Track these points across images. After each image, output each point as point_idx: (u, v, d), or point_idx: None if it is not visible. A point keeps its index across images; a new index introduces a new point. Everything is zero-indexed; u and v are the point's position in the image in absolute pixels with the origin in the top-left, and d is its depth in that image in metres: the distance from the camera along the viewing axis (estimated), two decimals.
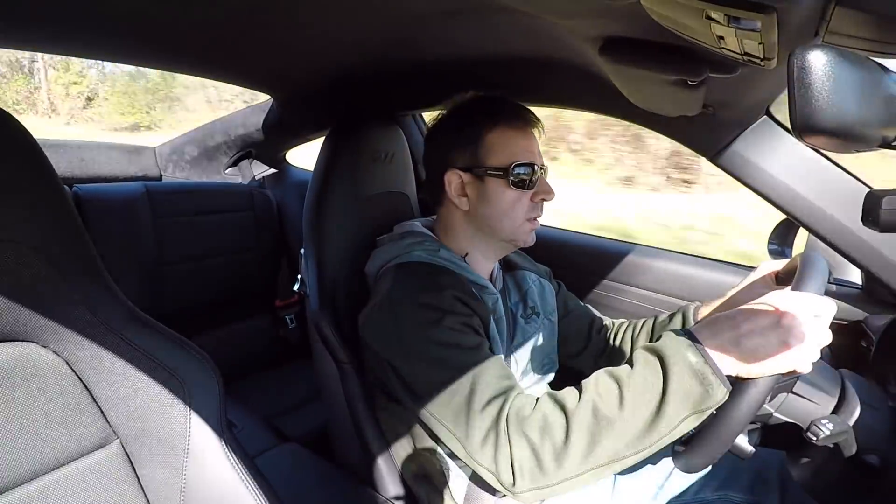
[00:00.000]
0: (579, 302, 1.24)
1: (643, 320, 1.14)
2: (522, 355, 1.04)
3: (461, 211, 0.99)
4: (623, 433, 0.68)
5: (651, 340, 1.08)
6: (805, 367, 0.64)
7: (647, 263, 1.50)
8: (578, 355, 1.19)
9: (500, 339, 0.98)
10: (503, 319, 1.00)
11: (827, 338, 0.65)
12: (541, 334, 1.09)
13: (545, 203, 0.99)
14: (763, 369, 0.64)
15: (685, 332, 0.70)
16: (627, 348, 1.12)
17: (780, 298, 0.67)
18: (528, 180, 0.94)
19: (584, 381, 0.74)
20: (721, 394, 0.65)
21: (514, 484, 0.72)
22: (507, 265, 1.15)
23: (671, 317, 1.07)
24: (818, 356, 0.65)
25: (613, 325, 1.19)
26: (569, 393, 0.74)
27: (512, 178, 0.93)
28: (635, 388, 0.69)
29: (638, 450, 0.69)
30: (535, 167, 0.94)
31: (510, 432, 0.73)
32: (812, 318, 0.64)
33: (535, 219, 0.98)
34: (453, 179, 0.97)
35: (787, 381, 0.72)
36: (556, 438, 0.70)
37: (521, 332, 1.05)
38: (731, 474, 1.04)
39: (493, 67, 1.09)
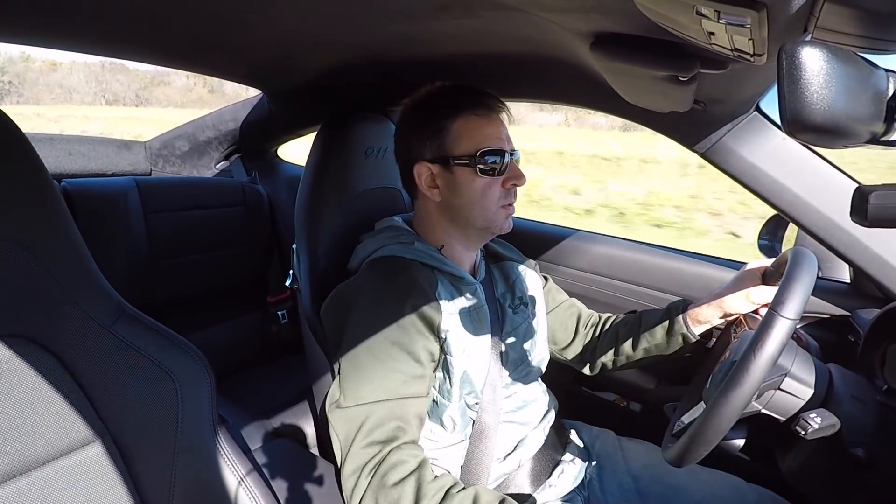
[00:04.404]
0: (566, 296, 1.25)
1: (627, 316, 1.15)
2: (513, 345, 1.05)
3: (434, 202, 1.00)
4: None
5: (637, 336, 1.08)
6: None
7: (632, 257, 1.50)
8: (566, 348, 1.20)
9: (479, 331, 0.97)
10: (485, 309, 1.00)
11: None
12: (530, 324, 1.10)
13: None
14: None
15: None
16: (612, 342, 1.13)
17: None
18: (498, 167, 0.94)
19: (460, 492, 0.79)
20: None
21: None
22: (493, 256, 1.16)
23: (659, 317, 1.07)
24: None
25: (601, 318, 1.20)
26: (437, 486, 0.78)
27: (480, 165, 0.93)
28: None
29: None
30: (504, 153, 0.95)
31: (369, 485, 0.79)
32: None
33: (509, 205, 0.98)
34: (423, 171, 0.98)
35: (774, 379, 0.73)
36: None
37: (510, 321, 1.06)
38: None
39: (484, 63, 1.09)
